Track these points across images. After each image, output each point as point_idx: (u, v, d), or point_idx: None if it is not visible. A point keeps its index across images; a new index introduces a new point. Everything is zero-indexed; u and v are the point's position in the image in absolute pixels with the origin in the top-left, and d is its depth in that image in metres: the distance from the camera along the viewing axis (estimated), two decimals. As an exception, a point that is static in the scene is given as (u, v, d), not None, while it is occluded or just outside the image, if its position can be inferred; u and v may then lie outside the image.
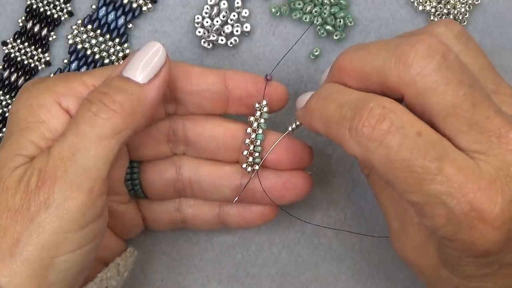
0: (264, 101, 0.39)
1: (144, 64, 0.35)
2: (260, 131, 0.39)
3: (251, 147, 0.39)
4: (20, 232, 0.32)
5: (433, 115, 0.31)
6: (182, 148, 0.40)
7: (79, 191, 0.32)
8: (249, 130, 0.39)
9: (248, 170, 0.39)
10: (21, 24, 0.43)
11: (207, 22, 0.43)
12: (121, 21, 0.43)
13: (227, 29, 0.43)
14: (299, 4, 0.43)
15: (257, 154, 0.39)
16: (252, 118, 0.39)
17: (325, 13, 0.43)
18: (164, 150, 0.40)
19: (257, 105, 0.39)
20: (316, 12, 0.43)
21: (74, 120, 0.34)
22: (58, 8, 0.43)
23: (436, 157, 0.29)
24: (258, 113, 0.39)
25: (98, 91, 0.34)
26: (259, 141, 0.39)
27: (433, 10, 0.43)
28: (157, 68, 0.35)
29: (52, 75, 0.44)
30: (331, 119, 0.32)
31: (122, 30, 0.43)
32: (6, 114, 0.43)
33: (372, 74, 0.32)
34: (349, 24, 0.43)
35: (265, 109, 0.39)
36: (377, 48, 0.32)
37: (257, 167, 0.39)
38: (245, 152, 0.39)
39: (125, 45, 0.43)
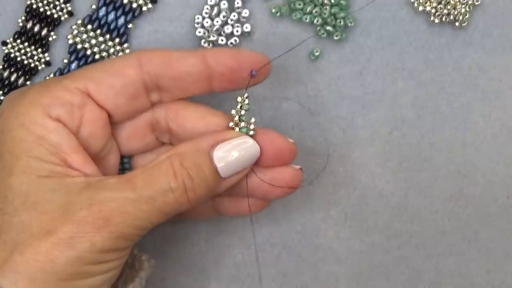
0: (245, 93, 0.38)
1: (237, 162, 0.36)
2: (243, 124, 0.38)
3: None
4: (57, 256, 0.33)
5: None
6: (168, 136, 0.40)
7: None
8: (231, 124, 0.38)
9: None
10: (21, 24, 0.43)
11: (207, 22, 0.43)
12: (121, 21, 0.43)
13: (227, 29, 0.43)
14: (299, 5, 0.43)
15: None
16: (233, 111, 0.38)
17: (325, 14, 0.43)
18: (151, 140, 0.40)
19: (239, 98, 0.38)
20: (316, 12, 0.43)
21: (150, 175, 0.34)
22: (58, 8, 0.43)
23: None
24: (239, 106, 0.38)
25: (188, 171, 0.35)
26: None
27: (433, 10, 0.43)
28: (243, 167, 0.36)
29: (52, 75, 0.43)
30: None
31: (122, 30, 0.43)
32: (6, 114, 0.43)
33: None
34: (349, 24, 0.43)
35: (246, 101, 0.38)
36: None
37: None
38: None
39: (125, 45, 0.43)
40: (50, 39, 0.44)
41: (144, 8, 0.43)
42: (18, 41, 0.43)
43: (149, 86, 0.37)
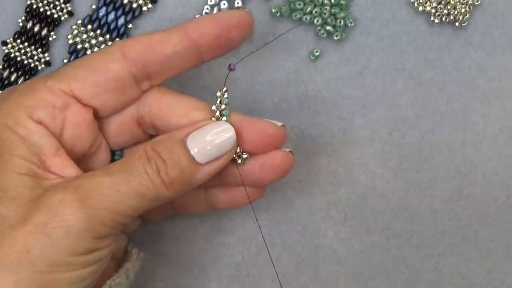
0: (224, 88, 0.38)
1: (212, 147, 0.36)
2: (224, 118, 0.38)
3: None
4: (32, 245, 0.32)
5: None
6: (153, 130, 0.40)
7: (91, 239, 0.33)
8: (213, 119, 0.38)
9: None
10: (21, 24, 0.43)
11: (207, 22, 0.43)
12: (121, 21, 0.43)
13: (227, 29, 0.43)
14: (300, 5, 0.43)
15: None
16: (214, 107, 0.38)
17: (325, 14, 0.43)
18: (139, 132, 0.40)
19: (218, 93, 0.38)
20: (316, 12, 0.43)
21: (127, 163, 0.35)
22: (58, 8, 0.43)
23: None
24: (218, 101, 0.38)
25: (160, 154, 0.35)
26: None
27: (433, 10, 0.43)
28: (220, 154, 0.36)
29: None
30: None
31: (122, 30, 0.43)
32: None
33: None
34: (349, 24, 0.43)
35: (226, 95, 0.38)
36: None
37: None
38: None
39: (125, 45, 0.43)
40: (50, 39, 0.44)
41: (144, 8, 0.43)
42: (18, 41, 0.43)
43: (138, 76, 0.37)
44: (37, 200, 0.33)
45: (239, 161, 0.38)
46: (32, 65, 0.44)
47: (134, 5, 0.43)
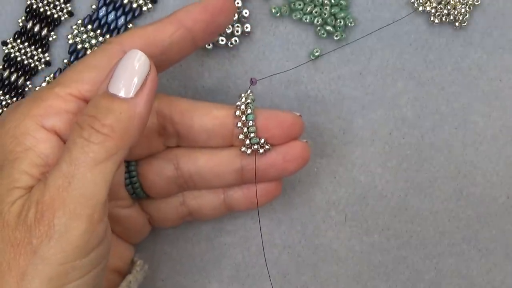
0: (249, 90, 0.39)
1: (128, 76, 0.33)
2: (249, 110, 0.38)
3: (245, 129, 0.39)
4: (25, 266, 0.31)
5: None
6: (175, 140, 0.40)
7: (79, 220, 0.31)
8: (238, 112, 0.39)
9: (248, 152, 0.39)
10: (21, 24, 0.43)
11: (207, 22, 0.43)
12: (121, 21, 0.43)
13: (228, 29, 0.43)
14: (299, 5, 0.43)
15: (252, 134, 0.39)
16: (238, 103, 0.39)
17: (325, 14, 0.43)
18: (157, 145, 0.40)
19: (243, 94, 0.39)
20: (316, 12, 0.43)
21: (66, 147, 0.33)
22: (58, 8, 0.43)
23: None
24: (243, 98, 0.39)
25: (88, 115, 0.33)
26: (251, 122, 0.39)
27: (433, 11, 0.43)
28: (142, 78, 0.34)
29: (52, 75, 0.44)
30: None
31: (122, 30, 0.43)
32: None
33: None
34: (349, 24, 0.43)
35: (251, 94, 0.39)
36: None
37: (255, 146, 0.39)
38: (240, 136, 0.39)
39: (125, 45, 0.43)
40: (50, 39, 0.44)
41: (144, 8, 0.43)
42: (18, 41, 0.43)
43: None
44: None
45: (261, 150, 0.39)
46: (32, 65, 0.44)
47: (134, 5, 0.43)
